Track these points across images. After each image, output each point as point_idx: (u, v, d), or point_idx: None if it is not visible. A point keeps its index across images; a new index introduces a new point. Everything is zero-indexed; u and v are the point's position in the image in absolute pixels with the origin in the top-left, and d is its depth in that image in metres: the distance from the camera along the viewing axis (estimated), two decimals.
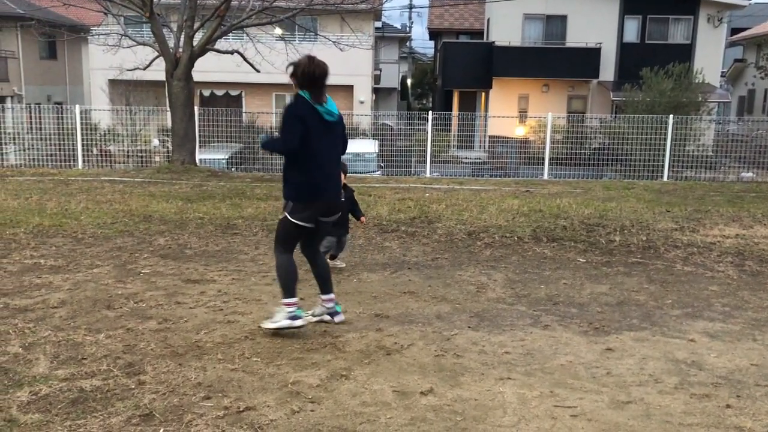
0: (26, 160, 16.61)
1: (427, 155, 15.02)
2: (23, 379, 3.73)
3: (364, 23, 25.51)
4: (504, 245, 7.21)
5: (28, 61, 26.41)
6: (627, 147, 16.43)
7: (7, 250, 6.56)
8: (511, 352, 4.30)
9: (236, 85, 24.57)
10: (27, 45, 26.12)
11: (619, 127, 18.19)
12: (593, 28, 25.70)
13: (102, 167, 14.93)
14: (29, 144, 17.78)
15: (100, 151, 17.26)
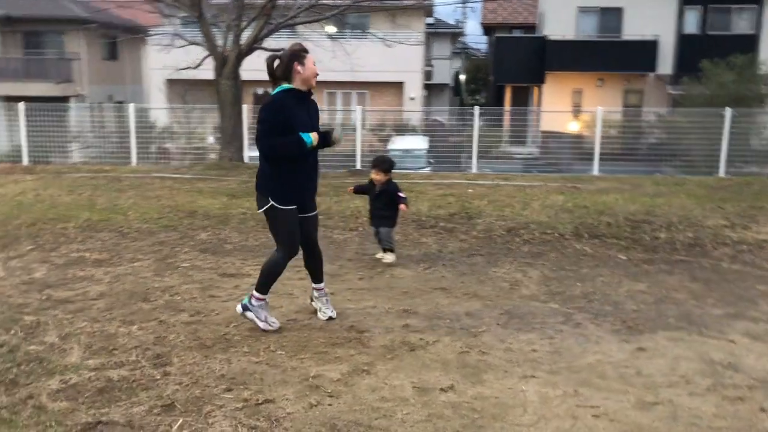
0: (88, 158, 17.19)
1: (473, 151, 14.84)
2: (56, 368, 3.87)
3: (415, 19, 25.42)
4: (543, 242, 7.08)
5: (91, 62, 27.31)
6: (683, 142, 15.92)
7: (57, 243, 6.80)
8: (538, 350, 4.22)
9: None
10: (90, 47, 27.01)
11: (676, 121, 17.63)
12: (650, 20, 24.96)
13: (159, 164, 15.33)
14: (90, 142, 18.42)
15: (159, 149, 17.76)
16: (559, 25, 25.90)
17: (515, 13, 36.64)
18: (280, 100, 4.24)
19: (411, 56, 23.89)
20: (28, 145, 15.36)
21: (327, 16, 12.99)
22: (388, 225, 6.22)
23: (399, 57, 22.04)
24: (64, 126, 17.52)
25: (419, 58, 25.79)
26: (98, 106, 22.90)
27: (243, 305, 4.49)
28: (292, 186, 4.35)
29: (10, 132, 16.65)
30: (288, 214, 4.38)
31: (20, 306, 4.90)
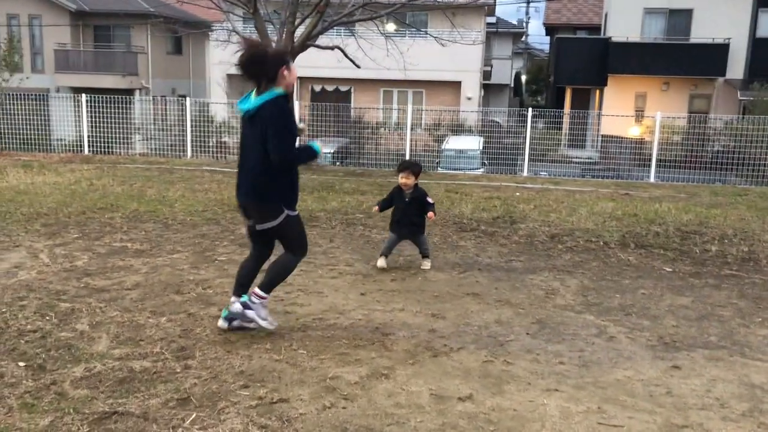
0: (149, 149, 17.65)
1: (525, 153, 14.59)
2: (82, 355, 3.94)
3: (475, 18, 25.17)
4: (586, 250, 6.88)
5: (155, 56, 28.08)
6: (749, 150, 15.26)
7: (102, 233, 6.98)
8: (565, 363, 4.08)
9: (346, 81, 24.99)
10: (155, 41, 27.76)
11: (743, 128, 16.92)
12: (721, 23, 24.02)
13: (214, 158, 15.63)
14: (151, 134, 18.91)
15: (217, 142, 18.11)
16: (623, 26, 25.20)
17: (579, 14, 35.92)
18: (286, 106, 4.11)
19: (469, 55, 23.66)
20: (89, 136, 15.87)
21: (382, 14, 12.95)
22: (420, 232, 6.05)
23: (457, 56, 21.87)
24: (126, 118, 18.04)
25: (478, 57, 25.53)
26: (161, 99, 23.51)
27: (243, 303, 4.31)
28: (296, 190, 4.29)
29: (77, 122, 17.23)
30: (299, 218, 4.33)
31: (58, 293, 5.04)
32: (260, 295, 4.32)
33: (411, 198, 5.97)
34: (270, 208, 4.14)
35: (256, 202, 4.16)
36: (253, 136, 4.06)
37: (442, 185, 10.83)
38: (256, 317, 4.31)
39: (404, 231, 6.00)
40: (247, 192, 4.17)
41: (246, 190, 4.17)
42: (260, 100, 4.02)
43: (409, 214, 5.97)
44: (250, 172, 4.14)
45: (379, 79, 23.39)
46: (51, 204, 8.28)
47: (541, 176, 14.45)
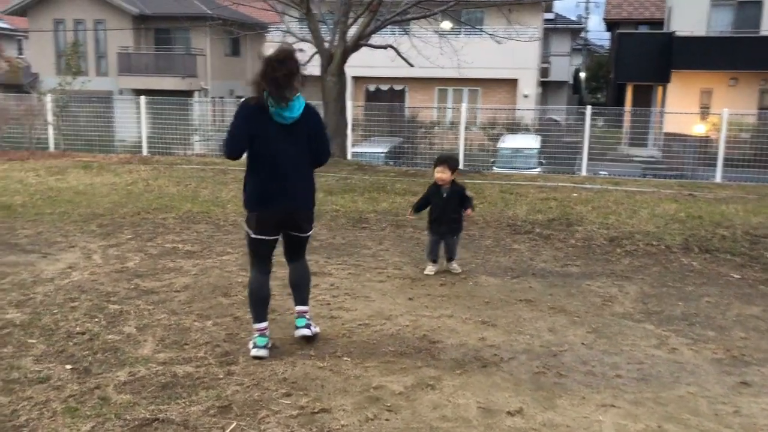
0: (208, 150, 17.93)
1: (583, 152, 14.18)
2: (127, 359, 3.94)
3: (532, 15, 24.70)
4: (647, 254, 6.57)
5: (214, 58, 28.56)
6: None
7: (155, 233, 7.05)
8: (623, 376, 3.85)
9: (401, 80, 24.88)
10: (214, 43, 28.24)
11: None
12: None
13: None
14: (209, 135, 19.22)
15: None
16: (688, 20, 24.28)
17: (641, 8, 34.82)
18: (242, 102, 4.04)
19: (526, 53, 23.22)
20: (147, 137, 16.20)
21: (435, 12, 12.78)
22: (458, 232, 5.81)
23: (513, 53, 21.49)
24: (185, 119, 18.37)
25: (535, 54, 25.05)
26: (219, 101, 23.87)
27: (306, 326, 4.20)
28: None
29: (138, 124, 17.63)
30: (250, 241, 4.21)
31: (108, 294, 5.07)
32: (308, 311, 4.29)
33: (449, 194, 5.69)
34: (310, 215, 4.18)
35: (309, 209, 4.13)
36: (298, 144, 3.95)
37: (496, 185, 10.59)
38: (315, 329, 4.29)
39: (443, 229, 5.72)
40: (303, 199, 4.07)
41: (300, 198, 4.05)
42: (300, 108, 3.92)
43: (448, 211, 5.69)
44: (305, 180, 4.05)
45: (434, 78, 23.19)
46: (107, 205, 8.43)
47: (600, 176, 14.01)
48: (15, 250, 6.28)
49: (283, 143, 3.92)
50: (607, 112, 21.40)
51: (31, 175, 10.74)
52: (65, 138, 16.56)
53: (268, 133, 3.89)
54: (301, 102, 3.93)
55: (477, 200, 9.09)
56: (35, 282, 5.33)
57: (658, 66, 24.76)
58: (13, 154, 13.68)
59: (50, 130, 16.25)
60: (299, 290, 4.26)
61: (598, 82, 45.09)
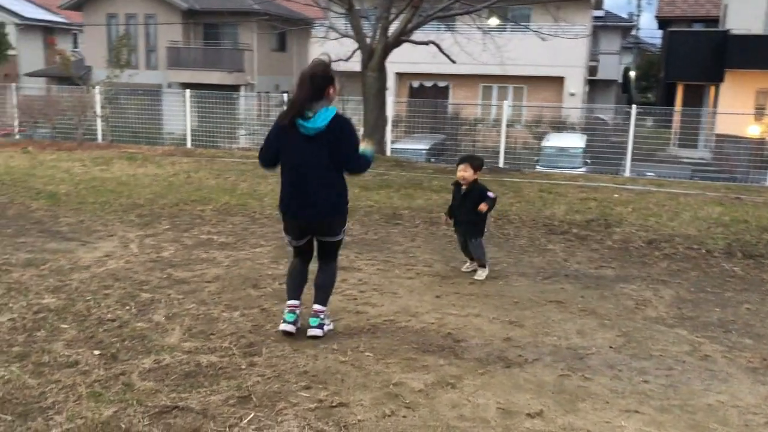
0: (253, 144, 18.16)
1: (627, 152, 13.87)
2: (154, 347, 4.01)
3: (581, 12, 24.26)
4: (686, 258, 6.39)
5: (261, 53, 28.87)
6: None
7: (192, 225, 7.16)
8: (650, 382, 3.75)
9: (445, 77, 24.74)
10: (261, 38, 28.53)
11: None
12: None
13: None
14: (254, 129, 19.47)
15: None
16: (745, 18, 23.50)
17: (696, 6, 33.89)
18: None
19: (573, 50, 22.84)
20: (192, 130, 16.48)
21: (479, 8, 12.65)
22: (476, 234, 5.49)
23: (560, 51, 21.17)
24: (231, 113, 18.64)
25: (583, 52, 24.60)
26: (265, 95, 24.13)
27: (318, 326, 4.20)
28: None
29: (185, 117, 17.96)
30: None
31: (141, 283, 5.17)
32: (324, 310, 4.30)
33: (466, 192, 5.47)
34: (343, 221, 4.25)
35: (332, 216, 4.17)
36: (321, 154, 4.00)
37: (536, 185, 10.44)
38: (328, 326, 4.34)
39: (462, 229, 5.56)
40: (325, 207, 4.11)
41: (321, 205, 4.10)
42: (327, 119, 3.96)
43: (464, 210, 5.46)
44: (323, 188, 4.07)
45: (479, 75, 22.98)
46: (148, 195, 8.60)
47: (646, 177, 13.70)
48: (56, 238, 6.46)
49: (306, 153, 4.02)
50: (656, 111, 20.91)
51: (78, 165, 11.03)
52: (113, 130, 16.97)
53: (293, 143, 4.04)
54: (329, 112, 3.96)
55: (514, 199, 9.01)
56: (72, 269, 5.47)
57: (711, 65, 24.04)
58: (62, 145, 14.10)
59: (98, 122, 16.66)
60: (320, 291, 4.31)
61: (649, 81, 44.09)
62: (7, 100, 18.42)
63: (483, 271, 5.58)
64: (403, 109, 19.42)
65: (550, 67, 23.56)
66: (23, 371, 3.61)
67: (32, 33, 30.67)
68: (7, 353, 3.84)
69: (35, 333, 4.15)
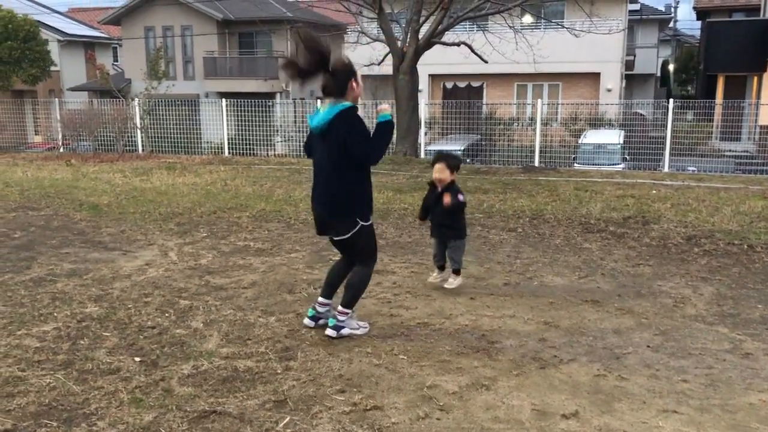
0: (289, 150, 18.36)
1: (666, 147, 13.63)
2: (192, 353, 4.09)
3: (616, 6, 23.92)
4: (727, 254, 6.26)
5: None
6: None
7: (229, 231, 7.28)
8: (689, 381, 3.69)
9: (478, 77, 24.63)
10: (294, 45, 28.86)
11: None
12: None
13: None
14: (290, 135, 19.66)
15: None
16: None
17: None
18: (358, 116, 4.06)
19: (609, 45, 22.51)
20: (229, 138, 16.74)
21: (510, 7, 12.59)
22: (458, 236, 5.10)
23: (595, 46, 20.90)
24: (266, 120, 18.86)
25: (618, 47, 24.23)
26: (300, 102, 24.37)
27: (333, 327, 4.26)
28: (371, 201, 4.25)
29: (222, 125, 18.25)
30: (372, 229, 4.26)
31: (180, 290, 5.29)
32: (345, 311, 4.30)
33: (440, 193, 5.04)
34: (347, 223, 4.14)
35: (333, 218, 4.18)
36: (330, 152, 4.05)
37: (572, 183, 10.34)
38: (351, 331, 4.32)
39: (439, 233, 5.18)
40: (328, 207, 4.18)
41: (326, 205, 4.18)
42: (330, 114, 3.99)
43: (438, 212, 5.07)
44: (326, 187, 4.14)
45: (513, 74, 22.84)
46: (186, 204, 8.77)
47: (687, 172, 13.44)
48: (98, 248, 6.64)
49: (318, 151, 4.17)
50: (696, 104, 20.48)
51: (119, 176, 11.31)
52: (152, 140, 17.33)
53: (313, 141, 4.24)
54: (333, 110, 3.98)
55: (549, 198, 8.93)
56: (114, 278, 5.62)
57: (753, 55, 23.41)
58: (104, 157, 14.45)
59: (138, 133, 17.05)
60: (345, 290, 4.33)
61: (689, 74, 43.19)
62: (51, 114, 18.98)
63: (456, 279, 5.16)
64: (438, 111, 19.41)
65: (585, 63, 23.28)
66: (68, 378, 3.73)
67: (74, 48, 31.50)
68: (52, 361, 3.96)
69: (79, 341, 4.27)
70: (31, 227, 7.52)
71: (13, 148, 18.61)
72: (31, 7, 29.91)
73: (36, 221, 7.85)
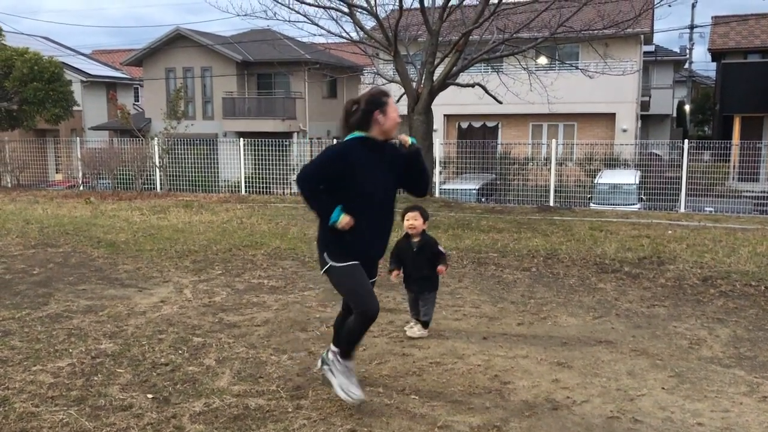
0: None
1: (681, 187, 13.59)
2: (204, 390, 4.10)
3: (631, 48, 24.14)
4: (744, 295, 6.20)
5: (312, 101, 29.59)
6: None
7: (243, 269, 7.33)
8: (705, 425, 3.64)
9: (494, 117, 24.83)
10: (312, 86, 29.28)
11: None
12: None
13: None
14: None
15: None
16: None
17: (751, 36, 33.22)
18: (348, 147, 3.76)
19: (624, 86, 22.67)
20: (246, 177, 16.93)
21: (524, 49, 12.76)
22: (433, 287, 5.11)
23: (610, 87, 21.05)
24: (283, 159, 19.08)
25: (633, 87, 24.38)
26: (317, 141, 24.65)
27: (321, 359, 4.07)
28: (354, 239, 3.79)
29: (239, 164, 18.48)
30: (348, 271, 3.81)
31: (194, 327, 5.32)
32: (334, 351, 3.94)
33: (419, 248, 5.03)
34: (319, 256, 3.98)
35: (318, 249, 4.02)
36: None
37: (586, 222, 10.32)
38: (333, 382, 3.91)
39: (416, 287, 5.08)
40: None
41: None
42: None
43: (420, 267, 5.02)
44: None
45: (528, 114, 22.98)
46: (203, 242, 8.85)
47: (705, 212, 13.37)
48: (115, 285, 6.71)
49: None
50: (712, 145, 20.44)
51: (137, 214, 11.45)
52: (170, 179, 17.57)
53: None
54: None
55: (564, 238, 8.92)
56: (129, 315, 5.66)
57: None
58: (122, 195, 14.66)
59: (157, 172, 17.29)
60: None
61: (705, 114, 43.23)
62: (72, 153, 19.33)
63: (422, 330, 5.08)
64: (452, 150, 19.54)
65: (600, 103, 23.40)
66: (80, 414, 3.75)
67: (96, 89, 32.21)
68: (66, 397, 3.99)
69: (93, 377, 4.30)
70: (49, 264, 7.63)
71: (34, 186, 18.93)
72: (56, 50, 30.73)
73: (54, 258, 7.95)
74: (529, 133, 25.06)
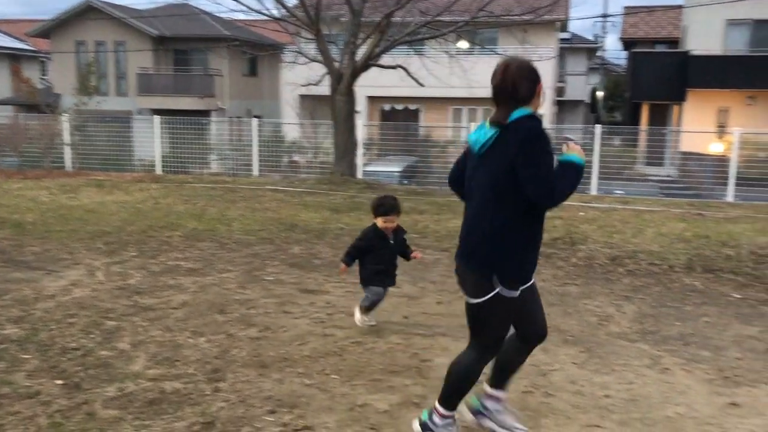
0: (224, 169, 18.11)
1: (593, 171, 14.13)
2: (118, 375, 3.98)
3: (547, 35, 24.76)
4: (649, 273, 6.52)
5: (232, 78, 28.91)
6: None
7: (159, 251, 7.13)
8: (612, 396, 3.82)
9: (415, 100, 24.99)
10: (232, 63, 28.61)
11: None
12: None
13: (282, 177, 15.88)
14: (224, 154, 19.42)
15: (289, 162, 18.46)
16: (704, 39, 24.19)
17: (658, 27, 34.78)
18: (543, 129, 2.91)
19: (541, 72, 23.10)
20: (162, 156, 16.41)
21: (445, 32, 12.87)
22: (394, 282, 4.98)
23: None
24: (201, 138, 18.59)
25: (549, 74, 25.02)
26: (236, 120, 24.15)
27: (422, 424, 3.22)
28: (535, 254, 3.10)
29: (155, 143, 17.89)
30: (514, 303, 3.04)
31: (107, 311, 5.13)
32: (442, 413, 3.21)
33: (396, 242, 4.87)
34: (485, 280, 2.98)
35: (476, 269, 3.03)
36: (486, 179, 2.97)
37: None
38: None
39: (388, 281, 4.88)
40: (474, 252, 3.04)
41: (471, 248, 3.06)
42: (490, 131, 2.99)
43: (394, 261, 4.90)
44: (485, 227, 2.97)
45: (448, 98, 23.27)
46: (116, 222, 8.54)
47: (614, 195, 13.94)
48: (21, 267, 6.39)
49: (472, 178, 3.09)
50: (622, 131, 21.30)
51: (44, 194, 10.92)
52: (81, 157, 16.83)
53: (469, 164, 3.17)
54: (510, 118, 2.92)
55: None
56: (36, 298, 5.41)
57: (674, 85, 24.64)
58: (29, 173, 13.93)
59: (66, 150, 16.52)
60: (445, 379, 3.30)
61: (616, 101, 44.94)
62: None
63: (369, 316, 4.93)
64: (375, 132, 19.57)
65: None
66: None
67: None
68: None
69: None
70: None
71: None
72: None
73: None
74: (449, 117, 25.39)
